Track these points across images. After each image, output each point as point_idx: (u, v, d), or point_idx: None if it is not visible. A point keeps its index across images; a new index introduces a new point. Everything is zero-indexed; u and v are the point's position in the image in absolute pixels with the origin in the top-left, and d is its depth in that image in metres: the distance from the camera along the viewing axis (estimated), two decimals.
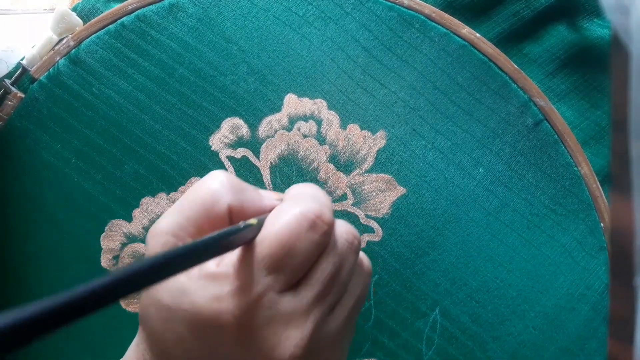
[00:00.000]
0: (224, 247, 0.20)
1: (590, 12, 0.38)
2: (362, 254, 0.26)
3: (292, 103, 0.36)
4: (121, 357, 0.25)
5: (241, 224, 0.22)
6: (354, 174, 0.36)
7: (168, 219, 0.23)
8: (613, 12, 0.21)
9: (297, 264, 0.22)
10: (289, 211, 0.22)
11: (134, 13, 0.36)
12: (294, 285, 0.22)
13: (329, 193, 0.36)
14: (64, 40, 0.37)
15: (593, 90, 0.38)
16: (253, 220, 0.22)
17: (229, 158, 0.36)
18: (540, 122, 0.35)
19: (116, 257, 0.36)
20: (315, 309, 0.22)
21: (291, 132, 0.36)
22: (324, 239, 0.22)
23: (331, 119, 0.36)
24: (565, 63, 0.38)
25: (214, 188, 0.23)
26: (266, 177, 0.36)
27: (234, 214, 0.23)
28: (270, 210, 0.24)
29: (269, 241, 0.22)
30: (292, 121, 0.36)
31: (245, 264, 0.22)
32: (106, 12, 0.37)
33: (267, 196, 0.25)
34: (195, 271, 0.22)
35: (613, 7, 0.21)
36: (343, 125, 0.36)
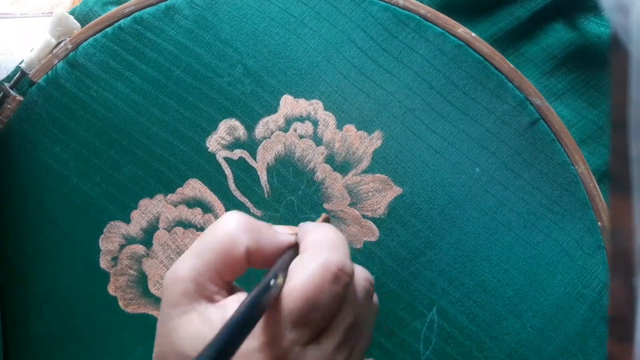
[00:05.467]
0: (262, 310, 0.21)
1: (587, 10, 0.38)
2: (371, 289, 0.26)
3: (289, 104, 0.36)
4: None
5: (271, 281, 0.22)
6: (350, 174, 0.36)
7: (186, 264, 0.23)
8: (612, 12, 0.21)
9: (321, 317, 0.22)
10: (312, 263, 0.22)
11: (131, 16, 0.37)
12: (316, 336, 0.23)
13: (326, 194, 0.36)
14: (62, 44, 0.37)
15: (590, 89, 0.38)
16: (280, 280, 0.22)
17: (226, 159, 0.36)
18: (537, 121, 0.35)
19: (115, 259, 0.36)
20: (337, 357, 0.23)
21: (288, 133, 0.36)
22: (346, 290, 0.23)
23: (327, 119, 0.36)
24: (562, 62, 0.38)
25: (231, 231, 0.23)
26: (263, 178, 0.36)
27: (251, 255, 0.23)
28: (287, 248, 0.24)
29: (294, 296, 0.22)
30: (289, 122, 0.36)
31: (270, 317, 0.22)
32: (103, 15, 0.37)
33: (282, 231, 0.25)
34: (219, 322, 0.22)
35: (612, 7, 0.21)
36: (339, 126, 0.36)
